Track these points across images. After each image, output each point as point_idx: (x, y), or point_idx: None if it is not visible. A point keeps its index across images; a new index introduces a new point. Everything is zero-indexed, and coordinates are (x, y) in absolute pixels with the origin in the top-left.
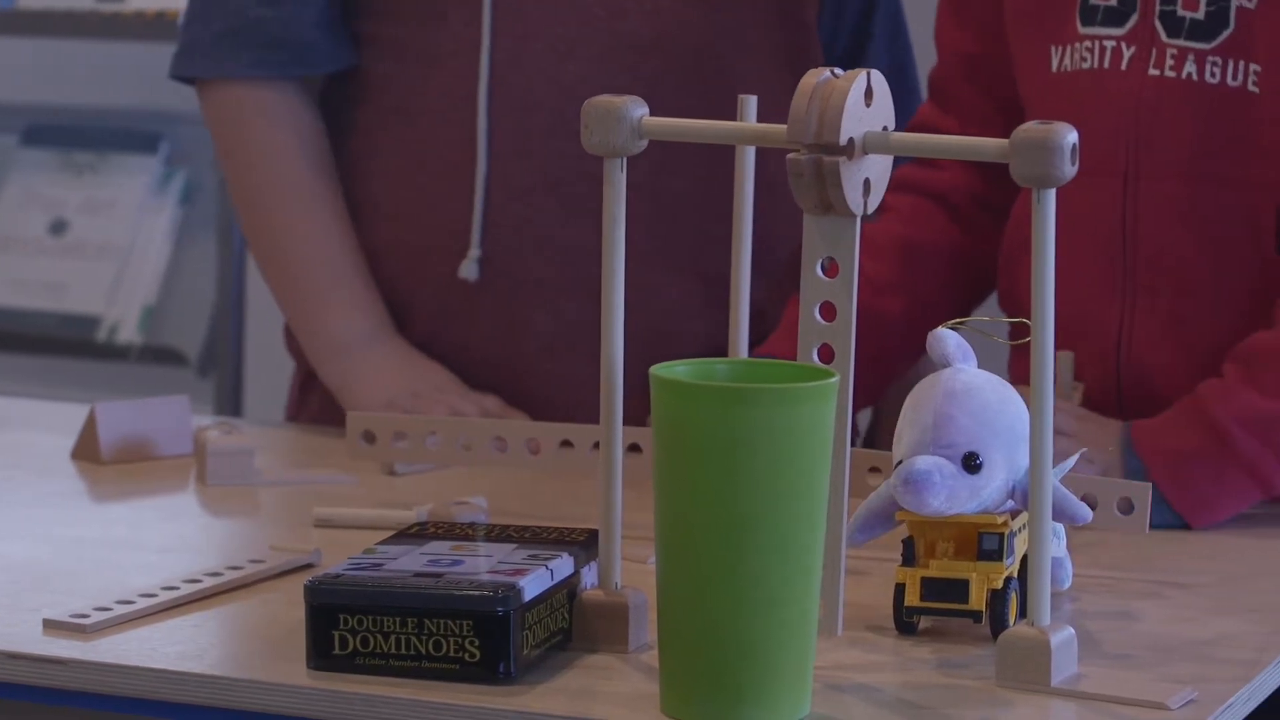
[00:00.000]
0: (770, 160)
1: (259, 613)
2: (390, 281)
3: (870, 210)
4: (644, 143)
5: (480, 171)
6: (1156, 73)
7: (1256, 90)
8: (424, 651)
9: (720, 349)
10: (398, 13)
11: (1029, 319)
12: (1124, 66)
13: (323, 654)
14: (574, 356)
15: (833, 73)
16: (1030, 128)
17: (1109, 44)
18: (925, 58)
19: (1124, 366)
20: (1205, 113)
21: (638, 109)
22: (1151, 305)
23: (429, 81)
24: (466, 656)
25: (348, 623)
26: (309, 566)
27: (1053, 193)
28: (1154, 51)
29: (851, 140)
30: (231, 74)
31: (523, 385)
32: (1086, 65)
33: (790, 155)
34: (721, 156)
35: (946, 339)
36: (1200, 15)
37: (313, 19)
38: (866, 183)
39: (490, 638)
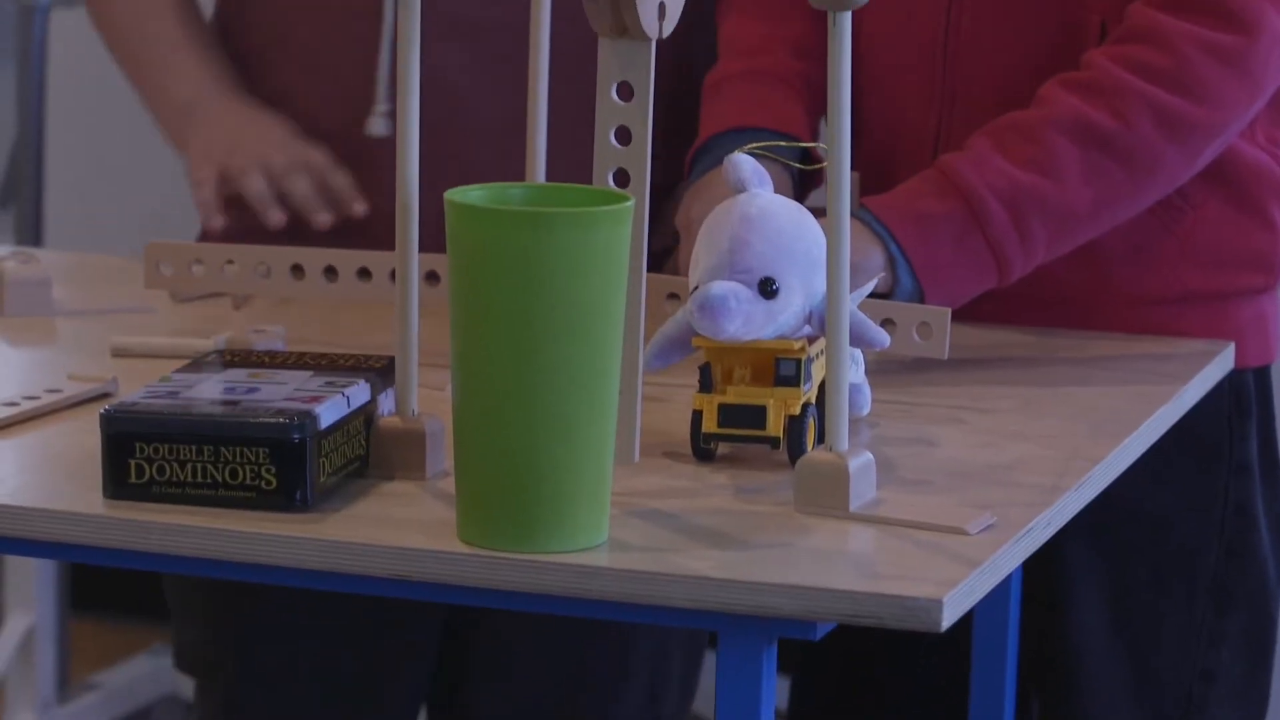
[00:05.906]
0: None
1: (56, 442)
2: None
3: (665, 34)
4: None
5: (387, 19)
6: None
7: None
8: (220, 479)
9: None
10: None
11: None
12: None
13: (119, 483)
14: None
15: None
16: None
17: None
18: None
19: None
20: None
21: None
22: (969, 116)
23: None
24: (263, 484)
25: (144, 451)
26: (106, 396)
27: (848, 15)
28: None
29: None
30: None
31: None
32: None
33: None
34: None
35: (742, 164)
36: None
37: None
38: (661, 6)
39: (286, 465)
